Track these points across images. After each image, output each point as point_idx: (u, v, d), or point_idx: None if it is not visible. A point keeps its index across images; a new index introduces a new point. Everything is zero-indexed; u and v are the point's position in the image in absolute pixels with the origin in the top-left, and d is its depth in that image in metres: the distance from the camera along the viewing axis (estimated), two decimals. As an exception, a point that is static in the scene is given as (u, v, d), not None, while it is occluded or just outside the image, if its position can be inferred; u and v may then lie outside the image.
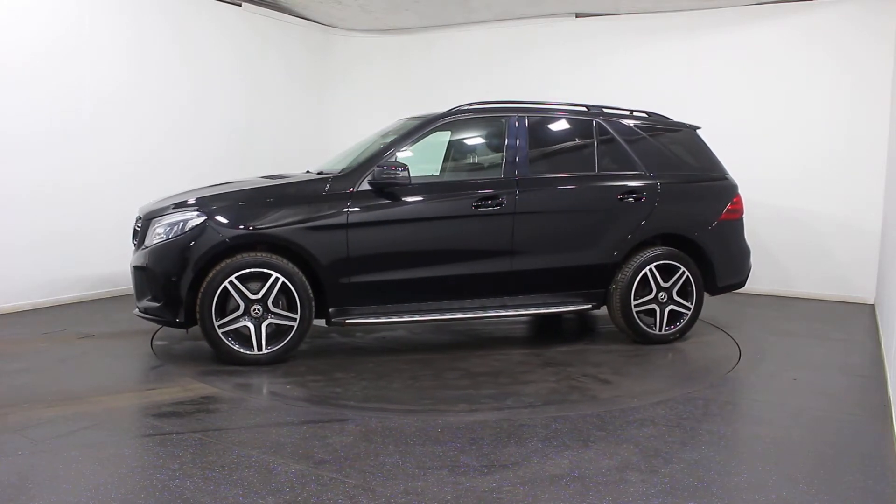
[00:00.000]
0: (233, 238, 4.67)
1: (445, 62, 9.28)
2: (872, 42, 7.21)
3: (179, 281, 4.63)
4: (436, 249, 5.07)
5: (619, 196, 5.39)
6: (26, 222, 6.26)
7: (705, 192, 5.72)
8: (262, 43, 8.62)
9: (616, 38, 8.35)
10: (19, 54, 6.13)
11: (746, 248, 5.89)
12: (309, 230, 4.75)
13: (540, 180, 5.33)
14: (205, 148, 7.88)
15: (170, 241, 4.71)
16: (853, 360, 5.26)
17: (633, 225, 5.39)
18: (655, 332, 5.46)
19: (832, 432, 3.77)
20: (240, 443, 3.45)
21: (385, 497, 2.89)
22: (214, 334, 4.64)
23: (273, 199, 4.86)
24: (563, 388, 4.40)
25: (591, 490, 2.98)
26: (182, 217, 4.75)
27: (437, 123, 5.29)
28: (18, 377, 4.43)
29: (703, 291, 5.55)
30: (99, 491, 2.90)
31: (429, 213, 5.07)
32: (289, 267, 4.71)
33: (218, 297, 4.61)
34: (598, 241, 5.33)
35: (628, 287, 5.34)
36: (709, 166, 5.79)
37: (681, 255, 5.47)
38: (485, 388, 4.40)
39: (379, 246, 4.92)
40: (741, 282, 5.90)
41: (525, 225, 5.18)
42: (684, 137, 5.84)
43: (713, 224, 5.61)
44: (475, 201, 5.09)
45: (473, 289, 5.15)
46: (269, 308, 4.69)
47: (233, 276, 4.62)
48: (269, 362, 4.73)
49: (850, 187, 7.37)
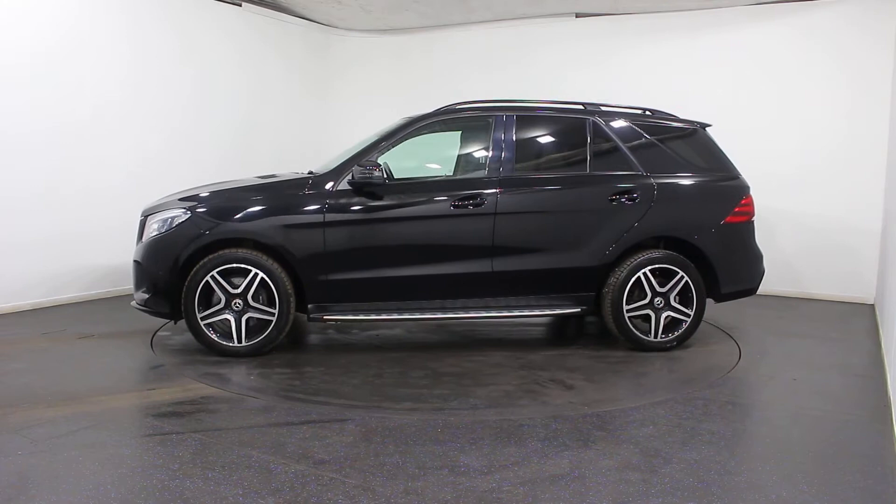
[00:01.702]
0: (214, 234, 4.88)
1: (445, 62, 9.28)
2: (872, 42, 7.21)
3: (166, 274, 4.88)
4: (413, 249, 5.07)
5: (611, 197, 5.20)
6: (26, 222, 6.26)
7: (708, 193, 5.44)
8: (263, 43, 8.62)
9: (616, 39, 8.35)
10: (19, 54, 6.13)
11: (757, 253, 5.56)
12: (287, 228, 4.91)
13: (524, 180, 5.23)
14: (205, 148, 7.88)
15: (160, 236, 4.97)
16: (853, 360, 5.26)
17: (624, 227, 5.19)
18: (650, 339, 5.24)
19: (832, 432, 3.77)
20: (240, 443, 3.45)
21: (385, 497, 2.89)
22: (197, 325, 4.87)
23: (255, 198, 5.02)
24: (517, 392, 4.31)
25: (591, 490, 2.99)
26: (171, 214, 5.00)
27: (422, 123, 5.30)
28: (18, 377, 4.43)
29: (704, 298, 5.27)
30: (99, 491, 2.90)
31: (406, 212, 5.07)
32: (268, 263, 4.87)
33: (203, 291, 4.84)
34: (586, 243, 5.17)
35: (620, 291, 5.15)
36: (717, 166, 5.50)
37: (679, 258, 5.23)
38: (440, 389, 4.38)
39: (355, 244, 5.01)
40: (750, 289, 5.56)
41: (507, 225, 5.08)
42: (690, 136, 5.57)
43: (717, 227, 5.32)
44: (454, 201, 5.06)
45: (454, 289, 5.12)
46: (249, 302, 4.87)
47: (214, 271, 4.83)
48: (248, 354, 4.91)
49: (849, 187, 7.36)
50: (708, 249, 5.30)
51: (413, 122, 5.30)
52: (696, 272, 5.24)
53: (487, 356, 5.15)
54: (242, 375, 4.61)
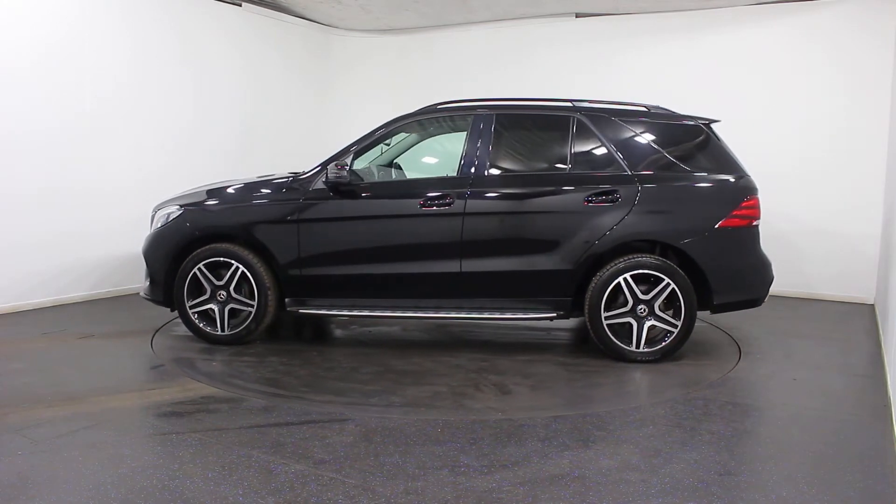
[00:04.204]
0: (201, 230, 5.27)
1: (445, 62, 9.28)
2: (872, 42, 7.21)
3: (162, 265, 5.31)
4: (382, 247, 5.12)
5: (588, 197, 4.93)
6: (26, 222, 6.26)
7: (701, 195, 5.02)
8: (263, 43, 8.62)
9: (616, 39, 8.35)
10: (20, 54, 6.12)
11: (761, 261, 5.09)
12: (265, 224, 5.19)
13: (495, 180, 5.12)
14: (204, 148, 7.88)
15: (159, 230, 5.42)
16: (853, 360, 5.26)
17: (601, 229, 4.89)
18: (631, 349, 4.89)
19: (832, 432, 3.77)
20: (240, 443, 3.45)
21: (385, 497, 2.89)
22: (186, 313, 5.25)
23: (240, 196, 5.38)
24: (447, 394, 4.25)
25: (591, 490, 2.98)
26: (169, 210, 5.45)
27: (402, 122, 5.35)
28: (18, 377, 4.43)
29: (694, 307, 4.85)
30: (99, 491, 2.90)
31: (375, 211, 5.16)
32: (249, 258, 5.15)
33: (193, 282, 5.20)
34: (559, 246, 4.93)
35: (598, 297, 4.86)
36: (719, 166, 5.07)
37: (664, 264, 4.83)
38: (375, 385, 4.41)
39: (327, 241, 5.15)
40: (752, 300, 5.09)
41: (475, 226, 4.99)
42: (691, 133, 5.19)
43: (710, 231, 4.89)
44: (423, 201, 5.05)
45: (424, 288, 5.11)
46: (231, 294, 5.17)
47: (201, 264, 5.19)
48: (230, 342, 5.24)
49: (849, 187, 7.36)
50: (698, 255, 4.88)
51: (390, 122, 5.35)
52: (684, 280, 4.83)
53: (455, 357, 5.10)
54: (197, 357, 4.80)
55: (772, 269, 5.14)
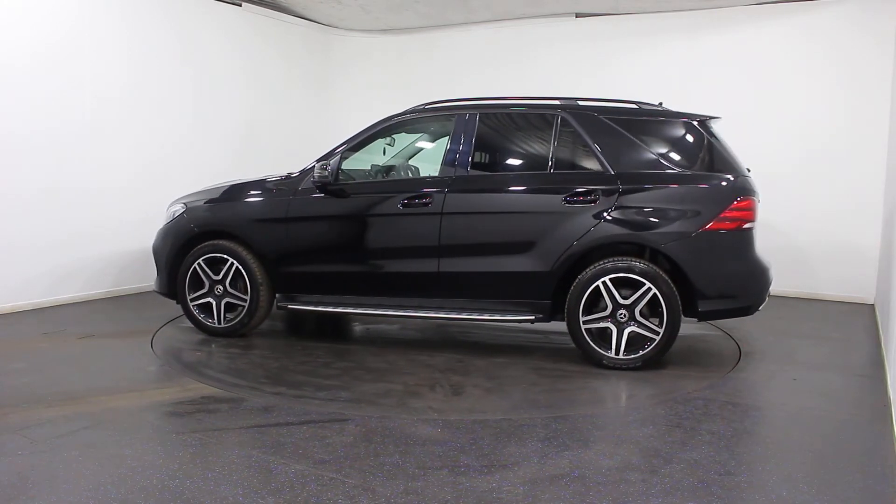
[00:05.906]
0: (199, 227, 5.51)
1: (445, 62, 9.28)
2: (872, 42, 7.21)
3: (168, 259, 5.57)
4: (364, 246, 5.23)
5: (566, 197, 4.80)
6: (27, 222, 6.26)
7: (687, 195, 4.74)
8: (263, 43, 8.62)
9: (616, 39, 8.35)
10: (20, 54, 6.12)
11: (754, 267, 4.78)
12: (257, 222, 5.37)
13: (474, 179, 5.09)
14: (204, 148, 7.88)
15: (166, 226, 5.69)
16: (853, 360, 5.26)
17: (580, 230, 4.74)
18: (610, 355, 4.70)
19: (832, 432, 3.77)
20: (240, 443, 3.45)
21: (385, 497, 2.89)
22: (187, 305, 5.52)
23: (236, 196, 5.59)
24: (397, 392, 4.26)
25: (591, 490, 2.98)
26: (175, 207, 5.72)
27: (388, 123, 5.38)
28: (18, 377, 4.43)
29: (678, 314, 4.63)
30: (99, 491, 2.90)
31: (357, 210, 5.23)
32: (244, 254, 5.35)
33: (192, 276, 5.45)
34: (535, 247, 4.83)
35: (577, 301, 4.73)
36: (711, 165, 4.85)
37: (645, 268, 4.63)
38: (332, 381, 4.48)
39: (312, 240, 5.32)
40: (743, 308, 4.81)
41: (453, 226, 4.97)
42: (682, 131, 5.00)
43: (695, 233, 4.64)
44: (403, 200, 5.08)
45: (405, 287, 5.14)
46: (227, 288, 5.38)
47: (200, 259, 5.43)
48: (225, 334, 5.48)
49: (849, 187, 7.36)
50: (682, 259, 4.65)
51: (377, 123, 5.40)
52: (668, 285, 4.62)
53: (433, 356, 5.10)
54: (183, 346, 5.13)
55: (769, 274, 4.87)
